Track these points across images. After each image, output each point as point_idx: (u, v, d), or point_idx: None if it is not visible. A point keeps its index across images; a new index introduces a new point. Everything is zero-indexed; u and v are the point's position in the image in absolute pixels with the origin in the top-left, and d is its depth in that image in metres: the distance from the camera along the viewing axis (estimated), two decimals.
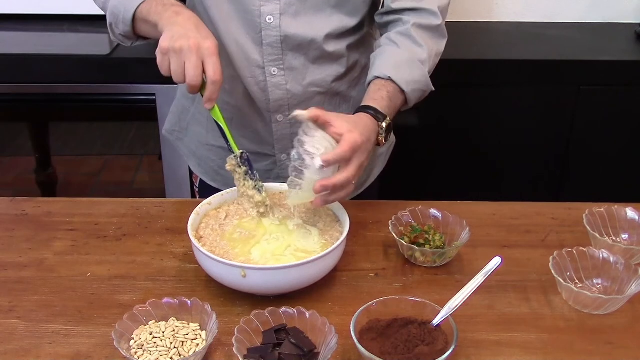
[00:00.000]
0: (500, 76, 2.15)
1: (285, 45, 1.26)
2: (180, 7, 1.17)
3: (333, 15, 1.27)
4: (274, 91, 1.30)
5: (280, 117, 1.33)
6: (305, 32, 1.26)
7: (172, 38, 1.10)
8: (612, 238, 1.18)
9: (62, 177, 2.40)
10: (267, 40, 1.26)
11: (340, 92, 1.35)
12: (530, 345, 0.98)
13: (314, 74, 1.31)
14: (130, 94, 2.03)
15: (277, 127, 1.35)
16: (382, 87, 1.22)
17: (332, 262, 1.07)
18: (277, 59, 1.27)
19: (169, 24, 1.13)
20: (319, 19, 1.26)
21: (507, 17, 2.50)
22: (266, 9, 1.23)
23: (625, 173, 2.27)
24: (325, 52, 1.29)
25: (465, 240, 1.15)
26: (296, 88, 1.30)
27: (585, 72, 2.14)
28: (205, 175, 1.48)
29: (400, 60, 1.24)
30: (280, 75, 1.29)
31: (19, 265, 1.15)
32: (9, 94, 2.05)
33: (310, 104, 1.31)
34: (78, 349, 0.96)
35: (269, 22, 1.24)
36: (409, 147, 1.61)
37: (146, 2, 1.19)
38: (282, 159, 1.39)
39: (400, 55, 1.25)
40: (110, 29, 1.26)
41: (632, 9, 2.48)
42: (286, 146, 1.36)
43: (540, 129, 2.21)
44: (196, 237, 1.09)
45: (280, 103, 1.31)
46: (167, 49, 1.10)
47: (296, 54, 1.28)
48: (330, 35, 1.28)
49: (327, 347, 0.91)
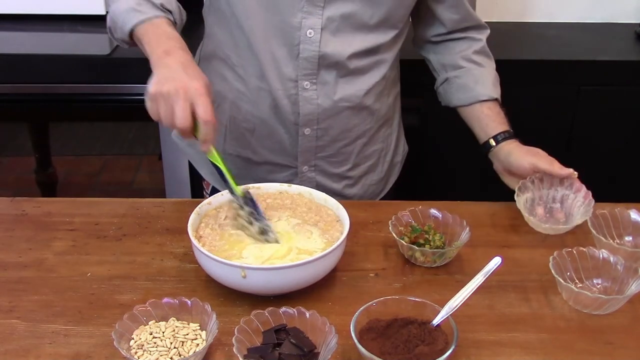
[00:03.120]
0: (500, 76, 2.15)
1: (322, 61, 1.26)
2: (172, 43, 1.12)
3: (370, 34, 1.27)
4: (305, 105, 1.29)
5: (307, 130, 1.32)
6: (343, 49, 1.26)
7: (159, 82, 1.06)
8: (617, 241, 1.18)
9: (62, 177, 2.40)
10: (304, 54, 1.25)
11: (367, 106, 1.35)
12: (530, 345, 0.98)
13: (345, 89, 1.30)
14: (130, 94, 2.03)
15: (303, 140, 1.34)
16: (495, 107, 1.40)
17: (332, 262, 1.07)
18: (312, 73, 1.26)
19: (158, 65, 1.09)
20: (355, 37, 1.26)
21: (507, 17, 2.50)
22: (307, 22, 1.22)
23: (626, 173, 2.26)
24: (357, 68, 1.29)
25: (465, 240, 1.15)
26: (327, 102, 1.30)
27: (585, 72, 2.14)
28: (219, 183, 1.46)
29: (494, 79, 1.42)
30: (312, 89, 1.28)
31: (19, 265, 1.15)
32: (9, 94, 2.05)
33: (338, 118, 1.32)
34: (78, 349, 0.96)
35: (309, 36, 1.23)
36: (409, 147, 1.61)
37: (143, 25, 1.15)
38: (304, 171, 1.38)
39: (491, 74, 1.42)
40: (110, 32, 1.25)
41: (632, 9, 2.48)
42: (309, 158, 1.36)
43: (540, 129, 2.20)
44: (196, 237, 1.08)
45: (309, 117, 1.30)
46: (155, 94, 1.05)
47: (330, 70, 1.27)
48: (364, 52, 1.28)
49: (327, 347, 0.91)
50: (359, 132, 1.35)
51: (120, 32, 1.19)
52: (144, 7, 1.16)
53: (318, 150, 1.35)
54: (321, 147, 1.35)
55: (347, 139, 1.34)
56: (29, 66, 2.02)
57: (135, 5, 1.16)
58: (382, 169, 1.37)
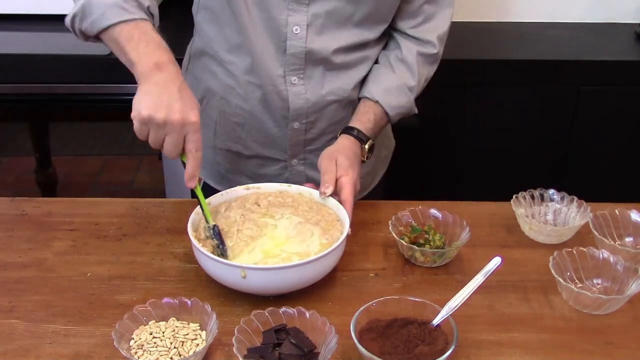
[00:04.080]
0: (500, 76, 2.15)
1: (308, 56, 1.27)
2: (162, 55, 1.07)
3: (354, 30, 1.28)
4: (294, 100, 1.30)
5: (297, 124, 1.33)
6: (329, 45, 1.27)
7: (154, 107, 1.02)
8: (618, 242, 1.18)
9: (62, 177, 2.40)
10: (291, 50, 1.26)
11: (354, 100, 1.36)
12: (530, 345, 0.98)
13: (332, 83, 1.31)
14: (131, 94, 2.00)
15: (292, 134, 1.35)
16: (370, 109, 1.32)
17: (332, 262, 1.07)
18: (299, 68, 1.28)
19: (148, 81, 1.04)
20: (341, 33, 1.27)
21: (507, 17, 2.50)
22: (293, 19, 1.23)
23: (626, 173, 2.27)
24: (344, 63, 1.31)
25: (465, 240, 1.15)
26: (314, 96, 1.31)
27: (585, 72, 2.14)
28: (211, 179, 1.48)
29: (391, 86, 1.33)
30: (300, 84, 1.29)
31: (19, 265, 1.15)
32: (9, 94, 2.05)
33: (326, 111, 1.33)
34: (78, 349, 0.96)
35: (295, 32, 1.24)
36: (409, 147, 1.61)
37: (126, 25, 1.08)
38: (293, 164, 1.39)
39: (393, 81, 1.33)
40: (71, 19, 1.14)
41: (632, 9, 2.48)
42: (298, 152, 1.38)
43: (541, 129, 2.21)
44: (196, 237, 1.08)
45: (299, 112, 1.32)
46: (148, 119, 1.02)
47: (317, 65, 1.29)
48: (350, 47, 1.29)
49: (327, 347, 0.91)
50: (346, 125, 1.35)
51: (91, 24, 1.11)
52: (130, 6, 1.10)
53: (307, 144, 1.37)
54: (310, 141, 1.36)
55: (335, 132, 1.35)
56: (29, 66, 2.02)
57: (122, 2, 1.09)
58: (369, 163, 1.37)
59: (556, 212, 1.25)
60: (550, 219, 1.24)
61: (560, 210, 1.24)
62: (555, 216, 1.25)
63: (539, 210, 1.25)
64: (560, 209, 1.25)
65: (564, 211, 1.24)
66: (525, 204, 1.25)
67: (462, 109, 2.18)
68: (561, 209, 1.24)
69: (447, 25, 1.36)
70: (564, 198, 1.25)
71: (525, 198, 1.25)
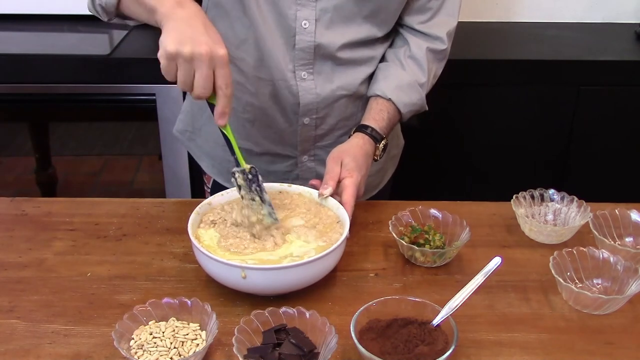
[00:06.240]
0: (500, 76, 2.15)
1: (317, 51, 1.27)
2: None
3: (363, 25, 1.29)
4: (304, 95, 1.30)
5: (307, 120, 1.34)
6: (337, 40, 1.27)
7: (180, 41, 0.99)
8: (618, 242, 1.18)
9: (62, 177, 2.40)
10: (300, 45, 1.26)
11: (362, 95, 1.36)
12: (530, 345, 0.98)
13: (341, 78, 1.32)
14: (130, 94, 2.03)
15: (303, 130, 1.35)
16: (384, 107, 1.31)
17: (332, 262, 1.07)
18: (308, 63, 1.28)
19: (171, 19, 1.02)
20: (350, 28, 1.28)
21: (507, 17, 2.50)
22: (302, 13, 1.24)
23: (626, 173, 2.27)
24: (352, 59, 1.31)
25: (465, 240, 1.15)
26: (324, 91, 1.31)
27: (585, 72, 2.14)
28: (220, 176, 1.48)
29: (403, 84, 1.33)
30: (310, 79, 1.29)
31: (19, 265, 1.15)
32: (9, 94, 2.05)
33: (336, 106, 1.34)
34: (78, 349, 0.96)
35: (304, 27, 1.25)
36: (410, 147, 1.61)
37: None
38: (303, 160, 1.39)
39: (404, 78, 1.33)
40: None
41: (632, 9, 2.48)
42: (308, 148, 1.38)
43: (540, 129, 2.21)
44: (196, 237, 1.08)
45: (309, 107, 1.32)
46: (175, 54, 0.99)
47: (326, 60, 1.29)
48: (358, 43, 1.30)
49: (327, 347, 0.91)
50: (357, 120, 1.35)
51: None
52: None
53: (317, 140, 1.37)
54: (320, 137, 1.37)
55: (345, 127, 1.36)
56: (29, 66, 2.02)
57: None
58: (379, 161, 1.37)
59: (556, 212, 1.25)
60: (550, 219, 1.24)
61: (560, 210, 1.25)
62: (555, 216, 1.25)
63: (539, 210, 1.25)
64: (560, 209, 1.25)
65: (564, 211, 1.24)
66: (526, 204, 1.25)
67: (462, 108, 2.18)
68: (561, 209, 1.25)
69: (456, 20, 1.36)
70: (564, 198, 1.25)
71: (526, 198, 1.25)
